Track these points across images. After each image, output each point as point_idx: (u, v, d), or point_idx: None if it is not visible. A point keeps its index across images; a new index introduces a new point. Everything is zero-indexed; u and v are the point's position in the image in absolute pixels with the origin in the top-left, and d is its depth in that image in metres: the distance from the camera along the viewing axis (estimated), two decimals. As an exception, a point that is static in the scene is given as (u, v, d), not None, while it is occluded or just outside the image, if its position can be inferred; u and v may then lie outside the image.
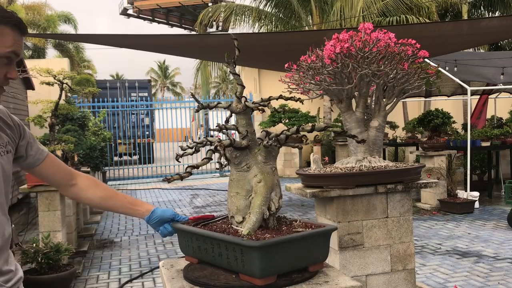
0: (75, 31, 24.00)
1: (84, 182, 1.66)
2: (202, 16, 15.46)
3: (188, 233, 1.51)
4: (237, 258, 1.31)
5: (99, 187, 1.68)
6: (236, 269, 1.33)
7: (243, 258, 1.29)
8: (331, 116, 13.81)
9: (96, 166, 7.33)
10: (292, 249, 1.34)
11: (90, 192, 1.65)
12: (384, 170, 2.87)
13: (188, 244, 1.52)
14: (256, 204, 1.43)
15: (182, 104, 17.12)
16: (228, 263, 1.35)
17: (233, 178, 1.52)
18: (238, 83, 1.57)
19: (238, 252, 1.30)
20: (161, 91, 55.91)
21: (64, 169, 1.65)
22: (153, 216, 1.61)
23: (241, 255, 1.29)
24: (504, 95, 11.81)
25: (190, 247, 1.51)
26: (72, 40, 20.58)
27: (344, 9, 12.98)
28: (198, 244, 1.46)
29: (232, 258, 1.33)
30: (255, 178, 1.49)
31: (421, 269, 4.80)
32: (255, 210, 1.42)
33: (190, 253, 1.53)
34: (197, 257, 1.50)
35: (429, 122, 8.40)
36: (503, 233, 6.15)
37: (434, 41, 7.27)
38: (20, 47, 1.33)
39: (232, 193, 1.50)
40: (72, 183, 1.64)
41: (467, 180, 7.99)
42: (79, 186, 1.65)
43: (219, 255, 1.38)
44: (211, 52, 9.67)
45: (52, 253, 4.38)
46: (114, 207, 1.68)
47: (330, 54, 2.67)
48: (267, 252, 1.26)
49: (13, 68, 1.33)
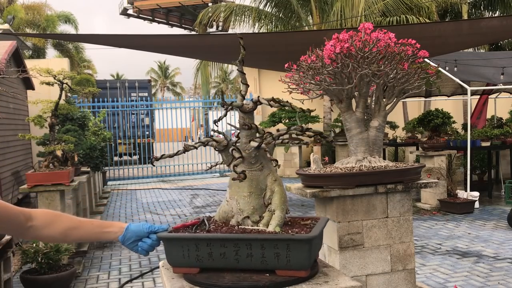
0: (76, 31, 23.99)
1: (42, 220, 1.47)
2: (202, 16, 15.46)
3: (189, 240, 1.39)
4: (279, 255, 1.34)
5: (60, 220, 1.50)
6: (274, 267, 1.36)
7: (288, 254, 1.34)
8: (331, 116, 13.81)
9: (96, 166, 7.32)
10: (320, 239, 1.49)
11: (51, 228, 1.48)
12: (384, 170, 2.87)
13: (186, 253, 1.40)
14: (280, 201, 1.50)
15: (182, 104, 17.13)
16: (262, 262, 1.36)
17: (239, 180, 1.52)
18: (242, 82, 1.57)
19: (282, 248, 1.34)
20: (161, 91, 55.90)
21: (14, 212, 1.43)
22: (127, 233, 1.48)
23: (287, 251, 1.33)
24: (504, 95, 11.81)
25: (189, 256, 1.39)
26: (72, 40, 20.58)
27: (345, 9, 12.98)
28: (209, 250, 1.37)
29: (270, 256, 1.35)
30: (269, 177, 1.53)
31: (421, 269, 4.80)
32: (280, 207, 1.49)
33: (188, 264, 1.41)
34: (201, 266, 1.40)
35: (429, 122, 8.40)
36: (503, 233, 6.15)
37: (434, 41, 7.27)
38: None
39: (244, 193, 1.50)
40: (28, 225, 1.45)
41: (467, 180, 7.99)
42: (37, 225, 1.46)
43: (248, 256, 1.36)
44: (211, 52, 9.66)
45: (52, 253, 4.38)
46: (82, 236, 1.53)
47: (330, 54, 2.67)
48: (313, 244, 1.37)
49: None
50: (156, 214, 8.56)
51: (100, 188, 11.31)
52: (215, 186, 12.28)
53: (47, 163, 5.25)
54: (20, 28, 21.20)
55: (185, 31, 27.98)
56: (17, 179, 8.82)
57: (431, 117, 8.36)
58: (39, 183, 4.96)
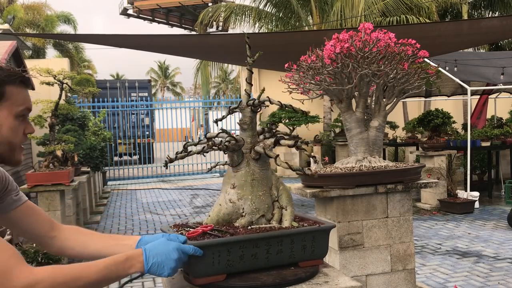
0: (75, 31, 23.99)
1: (66, 233, 1.50)
2: (202, 16, 15.47)
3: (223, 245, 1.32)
4: (306, 247, 1.42)
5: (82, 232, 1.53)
6: (300, 259, 1.42)
7: (313, 244, 1.43)
8: (331, 116, 13.81)
9: (96, 166, 7.32)
10: None
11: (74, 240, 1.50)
12: (384, 170, 2.87)
13: (216, 260, 1.32)
14: (289, 198, 1.56)
15: (182, 104, 17.13)
16: (290, 256, 1.41)
17: (256, 177, 1.51)
18: (247, 81, 1.57)
19: (308, 240, 1.42)
20: (161, 91, 55.89)
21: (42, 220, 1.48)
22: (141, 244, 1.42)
23: (312, 242, 1.43)
24: (504, 95, 11.81)
25: (219, 263, 1.32)
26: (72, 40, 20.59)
27: (345, 9, 12.98)
28: (240, 253, 1.34)
29: (297, 249, 1.41)
30: (273, 175, 1.57)
31: (421, 269, 4.80)
32: (291, 203, 1.54)
33: (216, 271, 1.33)
34: (229, 271, 1.34)
35: (429, 122, 8.40)
36: (503, 233, 6.15)
37: (434, 41, 7.27)
38: (30, 101, 1.33)
39: (259, 192, 1.50)
40: (53, 234, 1.48)
41: (467, 180, 7.98)
42: (61, 237, 1.49)
43: (278, 253, 1.39)
44: (211, 52, 9.67)
45: (52, 253, 4.37)
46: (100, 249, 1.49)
47: (330, 54, 2.67)
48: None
49: (29, 123, 1.33)
50: (156, 214, 8.56)
51: (100, 188, 11.32)
52: (215, 186, 12.28)
53: (47, 163, 5.25)
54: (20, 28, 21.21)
55: (185, 31, 27.99)
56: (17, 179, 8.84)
57: (431, 117, 8.36)
58: (39, 183, 4.96)
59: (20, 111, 1.28)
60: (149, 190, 12.13)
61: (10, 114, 1.26)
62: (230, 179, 1.52)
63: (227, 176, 1.54)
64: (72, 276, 1.16)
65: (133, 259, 1.24)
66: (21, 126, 1.30)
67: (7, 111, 1.26)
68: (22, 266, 1.12)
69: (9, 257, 1.13)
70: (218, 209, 1.51)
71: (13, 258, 1.13)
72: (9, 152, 1.29)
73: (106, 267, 1.21)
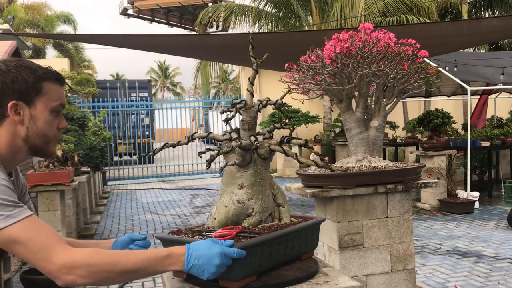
0: (75, 31, 23.99)
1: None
2: (202, 16, 15.47)
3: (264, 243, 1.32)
4: (307, 240, 1.50)
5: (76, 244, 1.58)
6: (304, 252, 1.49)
7: (312, 237, 1.52)
8: (331, 116, 13.82)
9: (96, 166, 7.32)
10: None
11: None
12: (384, 170, 2.87)
13: (253, 260, 1.29)
14: (283, 195, 1.59)
15: (182, 104, 17.13)
16: (298, 250, 1.47)
17: (263, 177, 1.51)
18: (250, 81, 1.56)
19: (309, 233, 1.50)
20: (161, 91, 55.89)
21: None
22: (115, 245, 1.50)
23: (312, 235, 1.52)
24: (504, 95, 11.82)
25: (255, 263, 1.30)
26: (72, 40, 20.59)
27: (345, 9, 12.98)
28: (269, 251, 1.34)
29: (303, 243, 1.48)
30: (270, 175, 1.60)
31: (421, 269, 4.80)
32: (286, 201, 1.58)
33: (251, 272, 1.30)
34: (259, 271, 1.33)
35: (429, 122, 8.40)
36: (503, 233, 6.15)
37: (434, 41, 7.27)
38: (64, 98, 1.44)
39: (267, 191, 1.52)
40: None
41: (467, 180, 7.99)
42: None
43: (293, 247, 1.44)
44: (211, 52, 9.67)
45: (52, 253, 4.37)
46: None
47: (330, 54, 2.67)
48: None
49: (62, 119, 1.45)
50: (156, 214, 8.56)
51: (100, 188, 11.31)
52: (215, 186, 12.28)
53: (47, 163, 5.25)
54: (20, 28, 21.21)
55: (185, 31, 27.98)
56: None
57: (431, 117, 8.36)
58: (39, 183, 4.96)
59: (55, 106, 1.39)
60: (149, 190, 12.13)
61: (46, 108, 1.37)
62: (236, 180, 1.49)
63: (231, 177, 1.50)
64: (109, 261, 1.18)
65: (174, 257, 1.22)
66: (55, 121, 1.41)
67: (43, 105, 1.37)
68: (61, 245, 1.18)
69: (50, 235, 1.19)
70: (225, 210, 1.47)
71: (53, 236, 1.20)
72: (44, 145, 1.40)
73: (145, 259, 1.20)
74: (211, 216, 1.49)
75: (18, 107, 1.34)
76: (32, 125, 1.36)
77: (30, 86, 1.34)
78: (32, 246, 1.16)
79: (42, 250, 1.15)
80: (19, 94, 1.33)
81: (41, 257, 1.16)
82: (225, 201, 1.49)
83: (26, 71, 1.34)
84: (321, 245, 3.21)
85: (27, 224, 1.18)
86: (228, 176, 1.51)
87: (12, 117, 1.34)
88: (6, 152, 1.34)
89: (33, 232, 1.17)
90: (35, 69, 1.36)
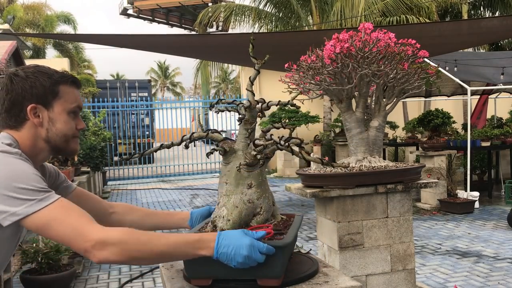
0: (74, 31, 24.00)
1: (122, 208, 1.72)
2: (202, 16, 15.47)
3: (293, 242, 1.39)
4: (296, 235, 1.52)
5: (137, 209, 1.75)
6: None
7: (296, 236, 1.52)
8: (331, 116, 13.81)
9: (96, 166, 7.33)
10: None
11: (131, 215, 1.71)
12: (384, 170, 2.87)
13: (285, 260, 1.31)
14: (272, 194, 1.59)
15: (182, 104, 17.13)
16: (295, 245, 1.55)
17: (265, 176, 1.52)
18: (251, 80, 1.56)
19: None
20: (161, 91, 55.88)
21: (100, 200, 1.71)
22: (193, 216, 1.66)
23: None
24: (504, 95, 11.81)
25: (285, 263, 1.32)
26: (72, 40, 20.60)
27: (345, 9, 12.99)
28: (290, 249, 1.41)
29: None
30: None
31: (421, 269, 4.80)
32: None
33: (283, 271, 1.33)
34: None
35: (429, 122, 8.40)
36: (503, 233, 6.15)
37: (434, 41, 7.27)
38: (80, 100, 1.52)
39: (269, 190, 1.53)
40: (110, 211, 1.70)
41: (467, 180, 7.98)
42: (119, 212, 1.71)
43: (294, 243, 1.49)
44: (211, 52, 9.67)
45: (52, 253, 4.38)
46: (156, 223, 1.71)
47: (330, 54, 2.67)
48: None
49: (80, 120, 1.53)
50: (156, 214, 8.56)
51: (100, 188, 11.32)
52: (215, 186, 12.28)
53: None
54: (20, 28, 21.22)
55: (185, 31, 27.98)
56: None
57: (431, 117, 8.36)
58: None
59: (72, 108, 1.47)
60: (149, 190, 12.13)
61: (64, 110, 1.45)
62: (244, 180, 1.47)
63: (239, 177, 1.47)
64: (141, 240, 1.21)
65: (204, 243, 1.24)
66: (73, 122, 1.48)
67: (61, 107, 1.45)
68: (94, 223, 1.24)
69: (81, 215, 1.25)
70: (238, 211, 1.45)
71: (85, 216, 1.26)
72: (65, 144, 1.48)
73: (176, 242, 1.23)
74: (223, 219, 1.45)
75: (38, 110, 1.42)
76: (51, 126, 1.44)
77: (48, 90, 1.42)
78: (65, 226, 1.21)
79: (76, 229, 1.20)
80: (37, 98, 1.41)
81: (75, 236, 1.20)
82: (235, 202, 1.46)
83: (43, 76, 1.42)
84: (321, 245, 3.21)
85: (59, 206, 1.24)
86: (235, 177, 1.49)
87: (32, 120, 1.42)
88: (30, 152, 1.42)
89: (65, 213, 1.23)
90: (51, 74, 1.44)
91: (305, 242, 6.04)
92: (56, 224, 1.22)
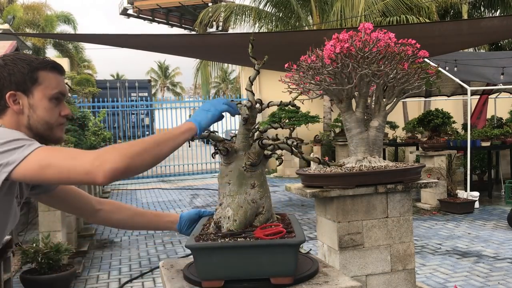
0: (74, 31, 24.00)
1: (110, 206, 1.69)
2: (202, 16, 15.48)
3: None
4: None
5: (126, 207, 1.71)
6: None
7: None
8: (331, 116, 13.82)
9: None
10: None
11: (120, 214, 1.68)
12: (384, 170, 2.87)
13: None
14: None
15: (182, 104, 17.14)
16: None
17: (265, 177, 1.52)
18: (251, 80, 1.56)
19: None
20: (161, 91, 55.89)
21: (87, 196, 1.68)
22: (182, 221, 1.63)
23: None
24: (504, 95, 11.82)
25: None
26: (72, 40, 20.60)
27: (345, 9, 12.99)
28: None
29: None
30: None
31: (421, 269, 4.80)
32: None
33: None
34: None
35: (429, 122, 8.40)
36: (503, 233, 6.15)
37: (434, 41, 7.27)
38: (63, 86, 1.49)
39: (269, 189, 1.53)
40: (98, 208, 1.66)
41: (467, 180, 7.99)
42: (106, 210, 1.67)
43: None
44: (211, 52, 9.67)
45: (52, 253, 4.38)
46: (145, 224, 1.70)
47: (330, 54, 2.67)
48: None
49: (65, 106, 1.50)
50: (156, 214, 8.56)
51: (100, 188, 11.31)
52: (215, 186, 12.28)
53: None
54: (20, 28, 21.22)
55: (185, 31, 27.97)
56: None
57: (431, 117, 8.36)
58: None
59: (54, 94, 1.45)
60: (149, 190, 12.14)
61: (45, 96, 1.43)
62: (247, 180, 1.47)
63: (242, 177, 1.47)
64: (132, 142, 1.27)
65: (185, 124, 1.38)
66: (56, 108, 1.46)
67: (41, 94, 1.43)
68: (86, 151, 1.25)
69: (72, 149, 1.31)
70: (243, 211, 1.45)
71: (76, 149, 1.31)
72: (48, 131, 1.46)
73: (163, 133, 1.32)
74: (229, 219, 1.44)
75: (17, 97, 1.41)
76: (32, 113, 1.42)
77: (26, 76, 1.41)
78: (60, 159, 1.21)
79: (71, 158, 1.21)
80: (16, 85, 1.40)
81: (74, 164, 1.20)
82: (240, 202, 1.46)
83: (22, 63, 1.41)
84: (321, 245, 3.21)
85: (47, 148, 1.26)
86: (239, 177, 1.49)
87: (12, 107, 1.41)
88: None
89: (56, 150, 1.25)
90: (30, 61, 1.43)
91: (305, 242, 6.05)
92: (52, 160, 1.21)
